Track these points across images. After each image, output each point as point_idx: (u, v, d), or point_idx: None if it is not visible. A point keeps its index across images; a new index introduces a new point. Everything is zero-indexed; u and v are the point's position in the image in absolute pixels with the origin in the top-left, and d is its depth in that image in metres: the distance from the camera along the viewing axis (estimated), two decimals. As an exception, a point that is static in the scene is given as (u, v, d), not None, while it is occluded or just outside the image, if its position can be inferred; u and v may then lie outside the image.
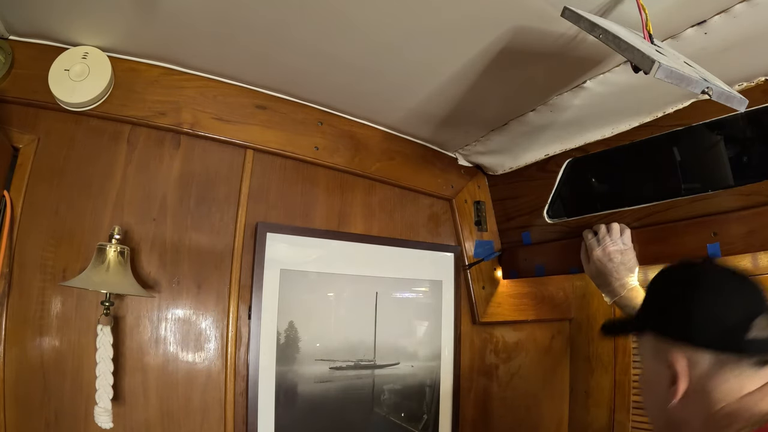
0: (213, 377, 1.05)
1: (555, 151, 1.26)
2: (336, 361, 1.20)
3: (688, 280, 0.67)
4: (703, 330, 0.62)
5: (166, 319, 1.02)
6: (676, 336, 0.65)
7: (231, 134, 1.11)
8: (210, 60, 1.03)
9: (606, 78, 0.91)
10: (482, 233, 1.48)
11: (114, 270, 0.89)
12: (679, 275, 0.70)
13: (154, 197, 1.04)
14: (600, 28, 0.59)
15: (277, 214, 1.18)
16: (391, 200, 1.37)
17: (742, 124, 1.07)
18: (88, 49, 0.94)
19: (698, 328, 0.63)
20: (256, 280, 1.10)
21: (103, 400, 0.88)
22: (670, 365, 0.63)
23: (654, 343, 0.69)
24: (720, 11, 0.70)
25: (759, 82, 0.86)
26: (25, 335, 0.89)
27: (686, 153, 1.16)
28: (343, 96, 1.17)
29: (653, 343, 0.69)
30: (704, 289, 0.64)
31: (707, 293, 0.64)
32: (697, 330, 0.63)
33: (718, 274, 0.67)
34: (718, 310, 0.62)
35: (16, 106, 0.93)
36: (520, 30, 0.79)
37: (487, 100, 1.08)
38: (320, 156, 1.22)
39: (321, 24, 0.85)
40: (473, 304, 1.44)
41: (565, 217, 1.31)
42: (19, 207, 0.91)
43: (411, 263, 1.36)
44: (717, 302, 0.63)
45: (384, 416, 1.28)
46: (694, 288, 0.65)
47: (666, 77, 0.53)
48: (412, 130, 1.33)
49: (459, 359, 1.39)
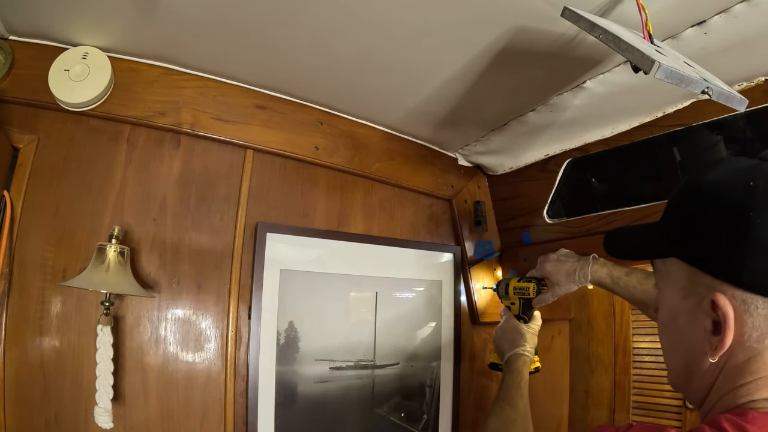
0: (213, 377, 1.05)
1: (555, 151, 1.26)
2: (336, 361, 1.20)
3: (743, 193, 0.46)
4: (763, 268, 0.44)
5: (166, 319, 1.02)
6: (724, 275, 0.47)
7: (231, 134, 1.11)
8: (210, 60, 1.03)
9: (606, 78, 0.91)
10: (482, 233, 1.48)
11: (114, 270, 0.89)
12: (730, 183, 0.48)
13: (154, 197, 1.04)
14: (600, 28, 0.59)
15: (277, 214, 1.18)
16: (391, 200, 1.37)
17: (742, 124, 1.07)
18: (88, 49, 0.94)
19: (755, 265, 0.44)
20: (256, 280, 1.10)
21: (103, 400, 0.88)
22: (712, 309, 0.47)
23: (687, 274, 0.51)
24: (720, 11, 0.70)
25: (759, 82, 0.86)
26: (25, 335, 0.89)
27: (686, 153, 1.16)
28: (343, 96, 1.17)
29: (685, 272, 0.51)
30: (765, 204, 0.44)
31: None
32: (753, 268, 0.45)
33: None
34: None
35: (16, 106, 0.93)
36: (520, 30, 0.79)
37: (487, 100, 1.08)
38: (320, 156, 1.22)
39: (321, 24, 0.85)
40: (473, 304, 1.44)
41: (565, 217, 1.31)
42: (19, 207, 0.91)
43: (411, 263, 1.36)
44: None
45: (384, 416, 1.27)
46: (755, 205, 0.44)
47: (666, 77, 0.53)
48: (412, 130, 1.33)
49: (459, 359, 1.39)
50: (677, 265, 0.52)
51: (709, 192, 0.50)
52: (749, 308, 0.45)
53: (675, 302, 0.53)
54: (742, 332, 0.46)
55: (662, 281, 0.56)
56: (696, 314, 0.49)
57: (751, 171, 0.47)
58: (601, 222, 1.19)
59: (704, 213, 0.49)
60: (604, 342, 1.52)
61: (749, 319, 0.45)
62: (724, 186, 0.48)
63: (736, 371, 0.47)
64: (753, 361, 0.46)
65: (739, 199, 0.46)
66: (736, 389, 0.47)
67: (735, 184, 0.47)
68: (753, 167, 0.48)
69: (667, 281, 0.55)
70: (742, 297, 0.46)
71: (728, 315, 0.46)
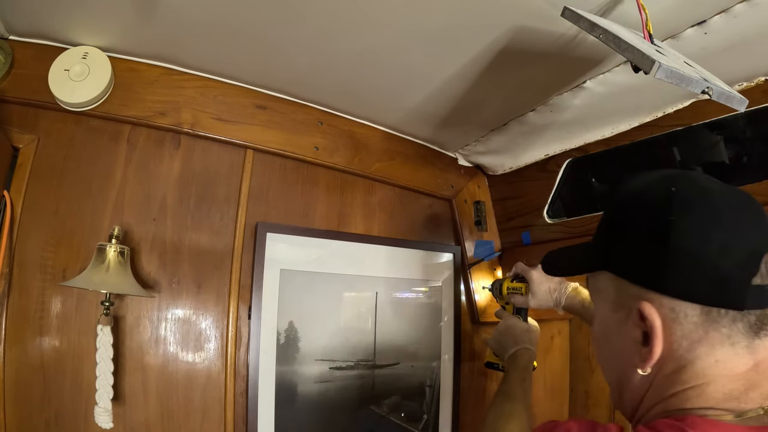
0: (213, 377, 1.05)
1: (555, 151, 1.26)
2: (336, 361, 1.20)
3: (664, 199, 0.45)
4: (690, 273, 0.43)
5: (166, 319, 1.02)
6: (649, 283, 0.45)
7: (231, 134, 1.11)
8: (210, 60, 1.03)
9: (606, 78, 0.91)
10: (482, 233, 1.48)
11: (114, 270, 0.89)
12: (652, 191, 0.48)
13: (154, 197, 1.04)
14: (600, 28, 0.59)
15: (277, 214, 1.18)
16: (391, 200, 1.37)
17: (742, 124, 1.07)
18: (88, 49, 0.94)
19: (682, 270, 0.43)
20: (256, 280, 1.10)
21: (103, 400, 0.88)
22: (641, 320, 0.46)
23: (615, 286, 0.50)
24: (720, 11, 0.70)
25: (759, 82, 0.86)
26: (25, 335, 0.89)
27: (686, 153, 1.16)
28: (343, 96, 1.17)
29: (614, 285, 0.50)
30: (692, 213, 0.44)
31: (696, 219, 0.43)
32: (680, 274, 0.43)
33: (708, 189, 0.46)
34: (714, 245, 0.42)
35: (16, 106, 0.93)
36: (520, 30, 0.79)
37: (487, 100, 1.08)
38: (320, 156, 1.22)
39: (321, 24, 0.85)
40: (473, 304, 1.44)
41: (565, 217, 1.31)
42: (19, 207, 0.91)
43: (411, 263, 1.36)
44: (712, 232, 0.43)
45: (384, 416, 1.27)
46: (676, 211, 0.44)
47: (666, 77, 0.53)
48: (412, 130, 1.33)
49: (459, 359, 1.39)
50: (606, 278, 0.51)
51: (631, 200, 0.50)
52: (678, 316, 0.44)
53: (606, 316, 0.52)
54: (672, 341, 0.45)
55: (595, 296, 0.55)
56: (625, 326, 0.48)
57: (674, 178, 0.48)
58: (601, 222, 1.19)
59: (626, 221, 0.49)
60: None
61: (678, 327, 0.44)
62: (645, 193, 0.49)
63: (666, 382, 0.46)
64: (683, 371, 0.45)
65: (660, 205, 0.46)
66: (665, 399, 0.46)
67: (656, 191, 0.47)
68: (676, 175, 0.48)
69: (599, 296, 0.54)
70: (669, 305, 0.44)
71: (655, 324, 0.44)
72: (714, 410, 0.44)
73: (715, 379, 0.44)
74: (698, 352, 0.44)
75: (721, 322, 0.43)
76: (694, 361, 0.44)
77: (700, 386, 0.44)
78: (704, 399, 0.44)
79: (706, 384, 0.44)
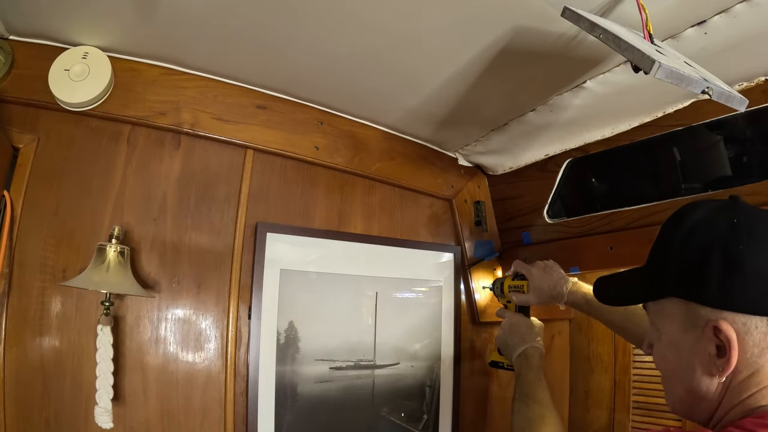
0: (213, 377, 1.05)
1: (555, 151, 1.26)
2: (336, 361, 1.20)
3: (732, 231, 0.53)
4: (758, 291, 0.51)
5: (166, 319, 1.02)
6: (722, 304, 0.52)
7: (231, 134, 1.11)
8: (210, 60, 1.03)
9: (606, 78, 0.91)
10: (482, 233, 1.48)
11: (114, 270, 0.89)
12: (718, 224, 0.54)
13: (154, 197, 1.04)
14: (600, 28, 0.59)
15: (277, 214, 1.18)
16: (391, 200, 1.37)
17: (742, 124, 1.07)
18: (88, 49, 0.94)
19: (752, 289, 0.51)
20: (256, 280, 1.10)
21: (103, 400, 0.88)
22: (715, 336, 0.52)
23: (685, 310, 0.56)
24: (720, 11, 0.70)
25: (759, 82, 0.86)
26: (25, 335, 0.89)
27: (686, 153, 1.16)
28: (343, 96, 1.17)
29: (683, 308, 0.56)
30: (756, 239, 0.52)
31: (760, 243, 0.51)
32: (749, 293, 0.51)
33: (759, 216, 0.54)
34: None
35: (16, 106, 0.93)
36: (520, 30, 0.79)
37: (487, 100, 1.08)
38: (320, 156, 1.22)
39: (321, 24, 0.85)
40: (473, 304, 1.44)
41: (565, 217, 1.31)
42: (19, 207, 0.91)
43: (411, 263, 1.36)
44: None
45: (384, 416, 1.27)
46: (744, 240, 0.52)
47: (666, 77, 0.53)
48: (412, 130, 1.33)
49: (459, 359, 1.39)
50: (673, 303, 0.57)
51: (696, 232, 0.56)
52: (749, 329, 0.51)
53: (675, 336, 0.58)
54: (745, 350, 0.51)
55: (658, 319, 0.61)
56: (699, 343, 0.54)
57: (729, 209, 0.55)
58: (601, 222, 1.19)
59: (696, 252, 0.54)
60: (604, 342, 1.52)
61: (749, 338, 0.51)
62: (709, 225, 0.55)
63: (741, 386, 0.52)
64: (756, 374, 0.52)
65: (727, 236, 0.53)
66: (743, 401, 0.52)
67: (719, 223, 0.54)
68: (729, 206, 0.56)
69: (663, 319, 0.60)
70: (741, 320, 0.51)
71: (732, 338, 0.51)
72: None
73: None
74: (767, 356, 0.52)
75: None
76: (765, 364, 0.52)
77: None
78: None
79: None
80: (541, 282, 1.08)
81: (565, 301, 1.05)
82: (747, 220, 0.53)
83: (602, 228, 1.18)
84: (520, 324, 1.09)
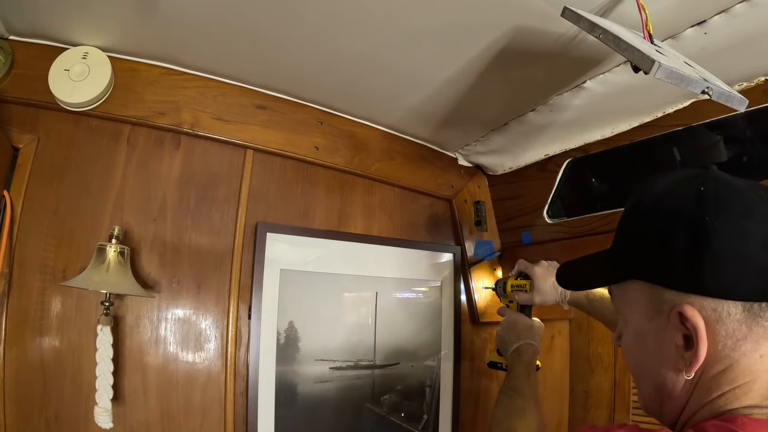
0: (213, 377, 1.05)
1: (555, 151, 1.26)
2: (336, 361, 1.20)
3: (696, 200, 0.45)
4: (731, 272, 0.42)
5: (166, 319, 1.02)
6: (688, 286, 0.44)
7: (231, 134, 1.11)
8: (210, 60, 1.03)
9: (606, 78, 0.91)
10: (482, 233, 1.48)
11: (114, 270, 0.89)
12: (681, 193, 0.47)
13: (154, 197, 1.04)
14: (600, 28, 0.59)
15: (277, 214, 1.18)
16: (391, 200, 1.37)
17: (742, 124, 1.07)
18: (88, 49, 0.94)
19: (723, 270, 0.43)
20: (256, 280, 1.10)
21: (103, 400, 0.88)
22: (681, 323, 0.45)
23: (649, 294, 0.49)
24: (720, 11, 0.70)
25: (759, 82, 0.86)
26: (25, 335, 0.89)
27: (686, 153, 1.16)
28: (343, 96, 1.17)
29: (647, 293, 0.49)
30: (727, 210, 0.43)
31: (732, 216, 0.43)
32: (721, 273, 0.43)
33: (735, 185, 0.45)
34: (753, 240, 0.42)
35: (16, 106, 0.93)
36: (520, 30, 0.79)
37: (487, 100, 1.08)
38: (320, 156, 1.22)
39: (321, 24, 0.85)
40: (473, 304, 1.44)
41: (565, 217, 1.31)
42: (19, 207, 0.91)
43: (411, 263, 1.36)
44: (749, 227, 0.42)
45: (384, 416, 1.27)
46: (711, 210, 0.44)
47: (666, 77, 0.53)
48: (412, 130, 1.33)
49: (459, 359, 1.39)
50: (636, 287, 0.50)
51: (658, 204, 0.48)
52: (721, 316, 0.43)
53: (640, 325, 0.51)
54: (716, 342, 0.44)
55: (623, 306, 0.54)
56: (664, 333, 0.47)
57: (697, 178, 0.47)
58: (601, 222, 1.19)
59: (658, 227, 0.47)
60: (604, 342, 1.52)
61: (722, 327, 0.44)
62: (673, 197, 0.47)
63: (712, 383, 0.45)
64: (729, 371, 0.44)
65: (692, 207, 0.45)
66: (712, 401, 0.45)
67: (684, 193, 0.46)
68: (698, 175, 0.47)
69: (627, 306, 0.52)
70: (711, 306, 0.44)
71: (699, 326, 0.44)
72: (760, 408, 0.43)
73: (760, 375, 0.44)
74: (743, 350, 0.44)
75: (764, 316, 0.43)
76: (739, 359, 0.44)
77: (746, 384, 0.44)
78: (751, 397, 0.44)
79: (752, 381, 0.44)
80: (544, 282, 1.06)
81: (568, 301, 1.04)
82: (717, 189, 0.45)
83: (602, 228, 1.18)
84: (519, 322, 1.08)
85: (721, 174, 0.47)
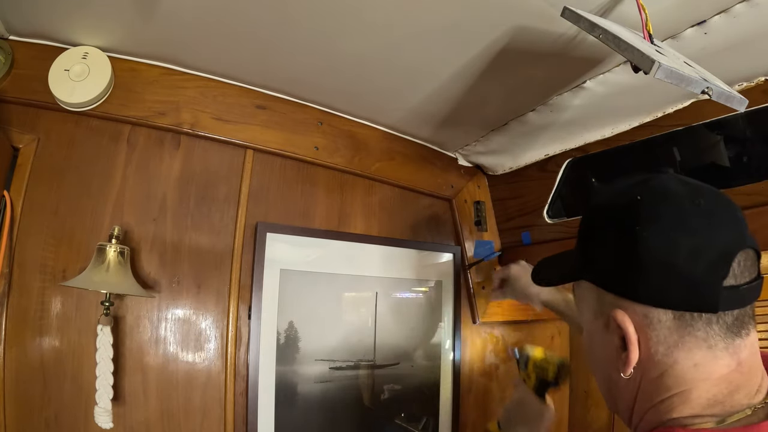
0: (213, 377, 1.05)
1: (555, 151, 1.26)
2: (336, 361, 1.20)
3: (630, 209, 0.46)
4: (659, 280, 0.44)
5: (166, 319, 1.02)
6: (622, 291, 0.47)
7: (231, 134, 1.11)
8: (210, 60, 1.03)
9: (606, 78, 0.91)
10: (482, 233, 1.48)
11: (114, 270, 0.89)
12: (619, 201, 0.48)
13: (154, 197, 1.04)
14: (600, 28, 0.59)
15: (277, 214, 1.18)
16: (391, 200, 1.37)
17: (742, 124, 1.07)
18: (88, 49, 0.94)
19: (652, 278, 0.44)
20: (256, 280, 1.10)
21: (103, 400, 0.88)
22: (616, 327, 0.47)
23: (595, 295, 0.51)
24: (720, 11, 0.70)
25: (759, 82, 0.86)
26: (25, 335, 0.89)
27: (686, 153, 1.16)
28: (343, 96, 1.17)
29: (594, 293, 0.51)
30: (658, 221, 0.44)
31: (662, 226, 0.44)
32: (650, 281, 0.44)
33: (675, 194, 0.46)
34: (681, 250, 0.43)
35: (16, 106, 0.93)
36: (520, 30, 0.79)
37: (487, 100, 1.08)
38: (320, 156, 1.22)
39: (321, 24, 0.85)
40: (473, 304, 1.44)
41: (565, 217, 1.31)
42: (19, 207, 0.91)
43: (411, 263, 1.36)
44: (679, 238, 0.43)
45: (384, 416, 1.27)
46: (642, 220, 0.45)
47: (666, 77, 0.53)
48: (412, 130, 1.33)
49: (459, 359, 1.39)
50: (587, 287, 0.52)
51: (600, 210, 0.51)
52: (651, 322, 0.45)
53: (590, 325, 0.53)
54: (649, 346, 0.46)
55: (579, 305, 0.56)
56: (606, 333, 0.49)
57: (638, 186, 0.48)
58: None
59: (597, 232, 0.50)
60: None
61: (653, 333, 0.45)
62: (613, 204, 0.50)
63: (652, 387, 0.47)
64: (665, 376, 0.46)
65: (625, 215, 0.46)
66: (655, 406, 0.47)
67: (622, 201, 0.48)
68: (640, 182, 0.49)
69: (581, 304, 0.55)
70: (642, 312, 0.45)
71: (628, 330, 0.46)
72: (699, 418, 0.44)
73: (696, 384, 0.44)
74: (676, 357, 0.45)
75: (695, 325, 0.44)
76: (673, 365, 0.45)
77: (684, 392, 0.45)
78: (689, 407, 0.44)
79: (689, 390, 0.45)
80: (518, 281, 1.12)
81: (541, 301, 1.07)
82: (653, 200, 0.46)
83: (602, 228, 1.18)
84: (531, 406, 0.97)
85: (664, 182, 0.48)
